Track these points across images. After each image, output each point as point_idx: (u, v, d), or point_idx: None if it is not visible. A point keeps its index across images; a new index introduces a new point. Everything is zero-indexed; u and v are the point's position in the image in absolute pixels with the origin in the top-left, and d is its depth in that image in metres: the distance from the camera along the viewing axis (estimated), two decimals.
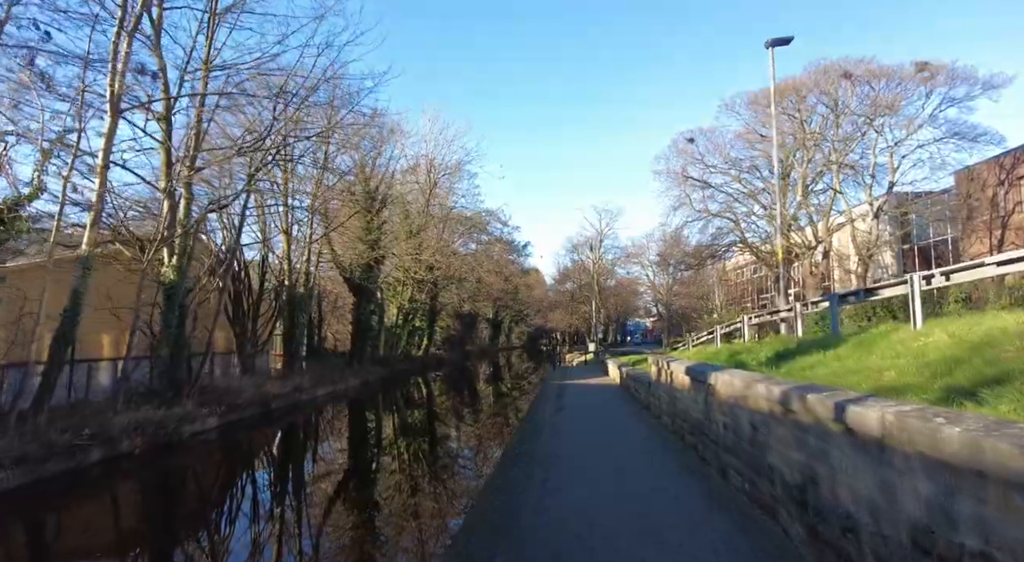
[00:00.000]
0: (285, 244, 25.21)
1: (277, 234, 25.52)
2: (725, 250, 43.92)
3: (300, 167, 25.32)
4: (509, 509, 6.27)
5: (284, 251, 25.33)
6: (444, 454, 13.74)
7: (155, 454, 12.39)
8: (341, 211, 30.55)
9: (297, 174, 25.46)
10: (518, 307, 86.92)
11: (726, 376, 7.03)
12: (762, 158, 39.13)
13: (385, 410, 23.06)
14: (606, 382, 23.68)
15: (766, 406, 5.56)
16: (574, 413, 14.23)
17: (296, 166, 24.26)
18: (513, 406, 22.33)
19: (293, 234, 25.93)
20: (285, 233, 25.17)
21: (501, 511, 6.31)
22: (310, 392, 22.97)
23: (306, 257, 25.76)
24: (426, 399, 27.50)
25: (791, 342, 9.80)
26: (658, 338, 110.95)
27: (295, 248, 25.98)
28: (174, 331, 15.81)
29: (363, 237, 31.88)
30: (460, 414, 21.39)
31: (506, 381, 39.01)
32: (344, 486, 10.81)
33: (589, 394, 18.97)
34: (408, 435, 16.62)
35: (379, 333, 37.28)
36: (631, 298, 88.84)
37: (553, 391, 20.08)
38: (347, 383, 27.59)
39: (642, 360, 23.23)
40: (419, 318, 45.74)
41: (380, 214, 33.12)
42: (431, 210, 39.45)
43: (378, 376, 33.63)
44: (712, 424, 7.75)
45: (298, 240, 26.22)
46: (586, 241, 74.04)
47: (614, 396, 18.07)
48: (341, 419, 20.94)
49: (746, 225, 42.29)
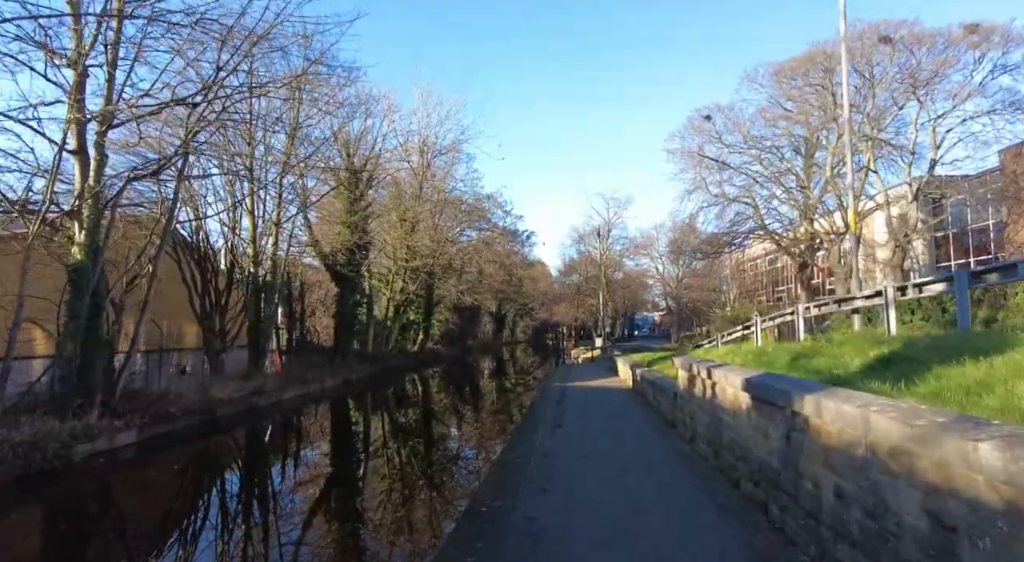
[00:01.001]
0: (250, 224, 22.17)
1: (245, 214, 22.54)
2: (743, 238, 40.56)
3: (273, 139, 22.30)
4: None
5: (250, 233, 22.30)
6: (416, 489, 10.66)
7: (21, 485, 9.36)
8: (320, 191, 27.52)
9: (271, 149, 22.42)
10: (523, 300, 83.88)
11: (839, 404, 3.91)
12: (785, 137, 35.82)
13: (355, 419, 20.04)
14: (615, 384, 20.55)
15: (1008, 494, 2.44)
16: (575, 433, 11.06)
17: (262, 133, 21.22)
18: (506, 413, 19.26)
19: (262, 214, 22.87)
20: (250, 212, 22.13)
21: None
22: (274, 395, 19.96)
23: (274, 240, 22.69)
24: (408, 404, 24.42)
25: (895, 342, 6.62)
26: (667, 332, 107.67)
27: (265, 230, 22.92)
28: (83, 324, 12.77)
29: (345, 220, 28.82)
30: (443, 424, 18.34)
31: (506, 378, 35.95)
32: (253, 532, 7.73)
33: (596, 403, 15.79)
34: (358, 460, 13.51)
35: (368, 326, 34.29)
36: (639, 291, 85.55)
37: (552, 397, 16.91)
38: (324, 383, 24.58)
39: (659, 359, 20.07)
40: (414, 311, 42.71)
41: (366, 195, 30.03)
42: (425, 194, 36.26)
43: (365, 374, 30.65)
44: (803, 481, 4.62)
45: (268, 221, 23.15)
46: (593, 231, 70.79)
47: (627, 406, 14.95)
48: (297, 430, 17.82)
49: (766, 211, 39.05)
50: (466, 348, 61.28)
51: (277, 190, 22.44)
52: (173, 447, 13.38)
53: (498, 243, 52.82)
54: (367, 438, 15.69)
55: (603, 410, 14.33)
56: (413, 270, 37.56)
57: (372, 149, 31.40)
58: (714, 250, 40.24)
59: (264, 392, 19.54)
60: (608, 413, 13.75)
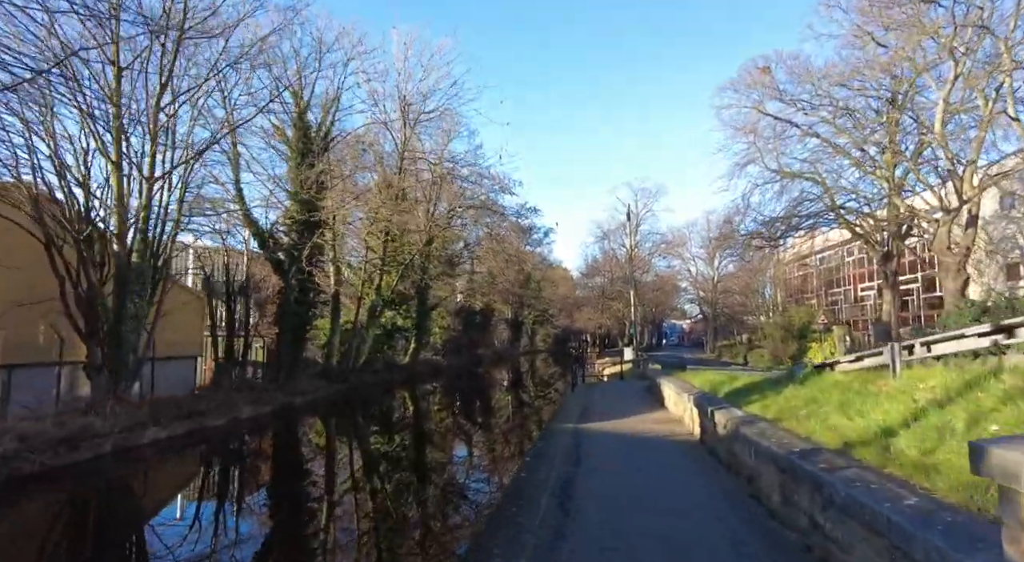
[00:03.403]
0: (115, 180, 14.81)
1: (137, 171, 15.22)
2: (811, 223, 32.09)
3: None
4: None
5: (115, 193, 14.93)
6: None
7: None
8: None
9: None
10: (541, 306, 76.01)
11: None
12: (877, 76, 27.29)
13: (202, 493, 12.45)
14: (665, 428, 12.48)
15: None
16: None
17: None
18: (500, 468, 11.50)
19: (136, 163, 15.51)
20: (114, 163, 14.76)
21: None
22: (118, 439, 12.47)
23: (144, 202, 15.22)
24: (337, 454, 16.76)
25: None
26: (698, 341, 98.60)
27: (144, 191, 15.53)
28: None
29: (292, 192, 21.48)
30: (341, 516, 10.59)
31: (513, 403, 28.13)
32: None
33: (642, 491, 7.83)
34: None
35: (334, 333, 26.83)
36: (672, 293, 77.15)
37: (554, 468, 8.87)
38: (238, 413, 17.14)
39: (733, 385, 11.98)
40: (402, 315, 35.17)
41: (321, 158, 22.59)
42: (409, 168, 28.66)
43: (321, 395, 23.15)
44: None
45: (153, 177, 15.75)
46: (620, 226, 62.87)
47: (708, 499, 7.05)
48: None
49: (837, 191, 30.81)
50: (476, 359, 53.58)
51: (151, 126, 15.02)
52: None
53: (509, 239, 45.17)
54: None
55: (658, 508, 6.50)
56: (396, 263, 30.04)
57: (331, 102, 24.01)
58: (772, 239, 31.82)
59: (96, 436, 12.08)
60: (672, 522, 5.93)
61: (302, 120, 22.79)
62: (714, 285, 72.51)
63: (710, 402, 10.08)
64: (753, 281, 59.82)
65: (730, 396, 10.53)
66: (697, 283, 76.12)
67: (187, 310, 21.72)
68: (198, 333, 23.90)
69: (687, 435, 11.01)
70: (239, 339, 24.39)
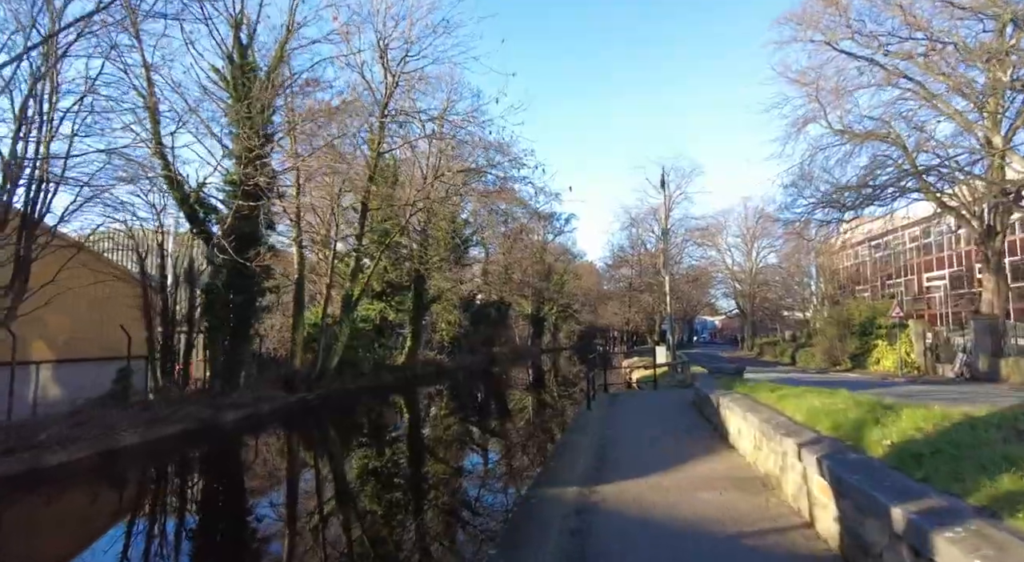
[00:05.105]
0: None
1: None
2: (889, 194, 25.89)
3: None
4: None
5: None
6: None
7: None
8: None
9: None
10: (564, 301, 70.52)
11: None
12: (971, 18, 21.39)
13: None
14: (750, 505, 6.48)
15: None
16: None
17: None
18: None
19: None
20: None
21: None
22: None
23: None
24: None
25: None
26: (732, 338, 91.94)
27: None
28: None
29: (228, 151, 16.49)
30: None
31: (520, 424, 22.80)
32: None
33: None
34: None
35: (298, 329, 21.85)
36: (706, 287, 71.07)
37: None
38: (106, 444, 12.17)
39: (960, 446, 6.24)
40: (394, 308, 30.09)
41: (271, 104, 17.57)
42: (388, 128, 23.45)
43: (268, 409, 18.20)
44: None
45: None
46: (649, 212, 56.86)
47: None
48: None
49: (925, 150, 24.84)
50: (490, 357, 48.45)
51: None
52: None
53: (525, 223, 39.88)
54: None
55: None
56: (381, 245, 24.94)
57: (285, 35, 18.92)
58: (844, 208, 25.68)
59: None
60: None
61: (242, 55, 17.80)
62: (752, 277, 66.28)
63: (823, 454, 4.63)
64: (797, 272, 53.63)
65: (910, 462, 4.80)
66: (733, 274, 69.94)
67: (113, 302, 17.22)
68: (137, 330, 19.16)
69: (797, 527, 5.56)
70: (185, 336, 19.73)
